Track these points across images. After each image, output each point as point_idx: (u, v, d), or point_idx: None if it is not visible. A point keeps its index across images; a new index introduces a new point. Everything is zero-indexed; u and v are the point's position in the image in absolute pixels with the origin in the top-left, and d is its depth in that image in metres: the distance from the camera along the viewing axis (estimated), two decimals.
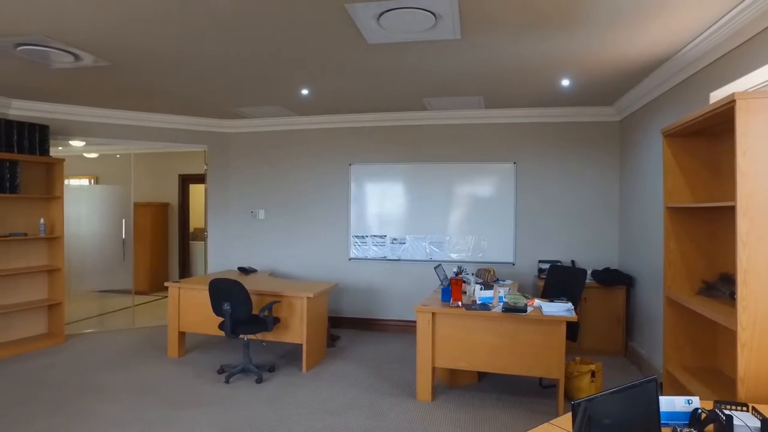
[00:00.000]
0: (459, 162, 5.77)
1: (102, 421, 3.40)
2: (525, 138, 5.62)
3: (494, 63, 3.87)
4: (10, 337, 5.15)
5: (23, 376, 4.28)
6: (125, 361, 4.74)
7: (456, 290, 3.84)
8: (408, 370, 4.51)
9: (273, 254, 6.35)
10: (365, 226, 6.02)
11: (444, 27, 3.14)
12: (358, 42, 3.42)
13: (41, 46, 3.48)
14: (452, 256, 5.77)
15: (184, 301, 4.80)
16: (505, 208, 5.65)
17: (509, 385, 4.13)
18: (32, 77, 4.34)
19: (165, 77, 4.32)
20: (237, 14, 2.95)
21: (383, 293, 5.99)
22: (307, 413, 3.57)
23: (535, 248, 5.60)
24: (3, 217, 5.09)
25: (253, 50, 3.61)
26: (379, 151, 5.99)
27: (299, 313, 4.41)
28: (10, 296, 5.15)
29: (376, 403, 3.76)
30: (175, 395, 3.88)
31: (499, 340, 3.63)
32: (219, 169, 6.42)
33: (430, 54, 3.68)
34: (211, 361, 4.73)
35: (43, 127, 5.19)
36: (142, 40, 3.38)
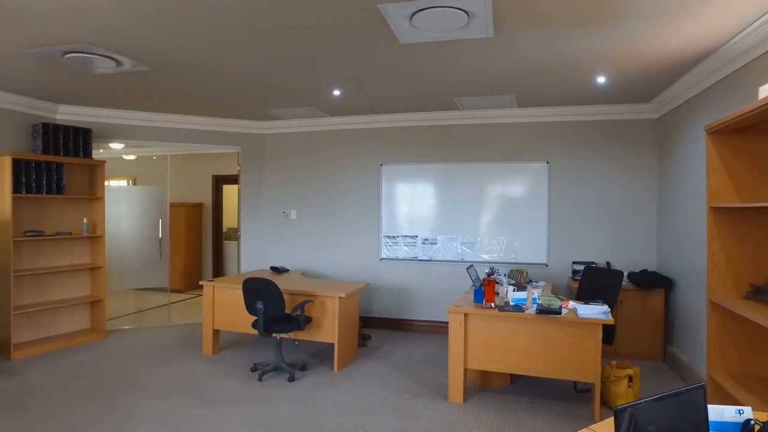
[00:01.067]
0: (490, 162, 5.70)
1: (140, 415, 3.50)
2: (558, 137, 5.52)
3: (527, 61, 3.81)
4: (57, 331, 5.37)
5: (69, 369, 4.45)
6: (162, 357, 4.87)
7: (489, 291, 3.80)
8: (439, 371, 4.49)
9: (304, 254, 6.42)
10: (396, 227, 6.02)
11: (477, 25, 3.11)
12: (390, 42, 3.42)
13: (86, 53, 3.61)
14: (484, 257, 5.71)
15: (219, 299, 4.89)
16: (537, 208, 5.55)
17: (542, 389, 4.06)
18: (76, 83, 4.51)
19: (200, 80, 4.42)
20: (271, 17, 2.99)
21: (414, 294, 5.98)
22: (339, 413, 3.59)
23: (569, 249, 5.48)
24: (50, 217, 5.31)
25: (287, 52, 3.65)
26: (411, 151, 5.98)
27: (331, 312, 4.44)
28: (57, 292, 5.37)
29: (408, 404, 3.75)
30: (210, 392, 3.96)
31: (533, 342, 3.57)
32: (252, 170, 6.53)
33: (463, 53, 3.65)
34: (243, 359, 4.81)
35: (87, 131, 5.38)
36: (179, 44, 3.47)
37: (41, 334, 5.25)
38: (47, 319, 5.31)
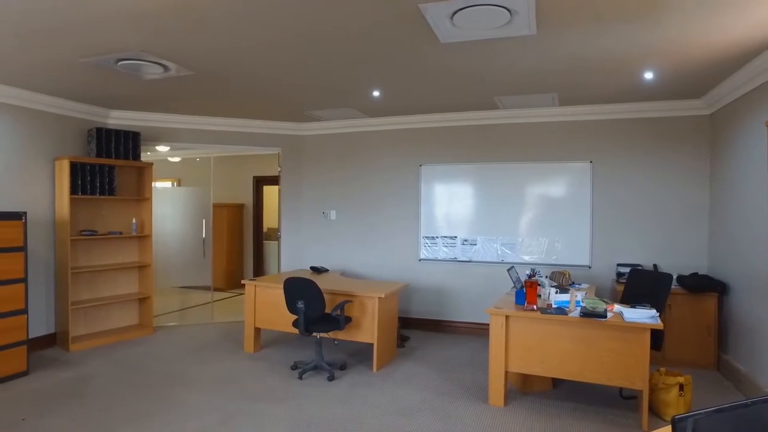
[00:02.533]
0: (531, 161, 5.59)
1: (187, 409, 3.62)
2: (602, 135, 5.35)
3: (571, 58, 3.72)
4: (109, 325, 5.63)
5: (121, 362, 4.65)
6: (206, 353, 5.01)
7: (531, 293, 3.73)
8: (479, 374, 4.44)
9: (344, 254, 6.47)
10: (435, 227, 5.99)
11: (519, 22, 3.06)
12: (430, 42, 3.41)
13: (137, 59, 3.76)
14: (524, 258, 5.61)
15: (260, 298, 4.99)
16: (580, 208, 5.41)
17: (586, 394, 3.95)
18: (127, 89, 4.70)
19: (243, 84, 4.53)
20: (313, 20, 3.03)
21: (453, 295, 5.93)
22: (379, 413, 3.60)
23: (613, 251, 5.31)
24: (103, 217, 5.56)
25: (327, 54, 3.69)
26: (450, 151, 5.94)
27: (371, 312, 4.46)
28: (109, 289, 5.62)
29: (448, 406, 3.73)
30: (252, 388, 4.04)
31: (576, 346, 3.48)
32: (292, 170, 6.63)
33: (504, 51, 3.60)
34: (284, 357, 4.89)
35: (136, 134, 5.61)
36: (224, 49, 3.56)
37: (95, 329, 5.51)
38: (100, 315, 5.56)
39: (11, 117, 4.79)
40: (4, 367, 4.16)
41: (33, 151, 4.99)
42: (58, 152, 5.23)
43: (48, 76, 4.30)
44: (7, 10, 2.88)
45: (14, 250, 4.21)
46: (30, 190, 4.97)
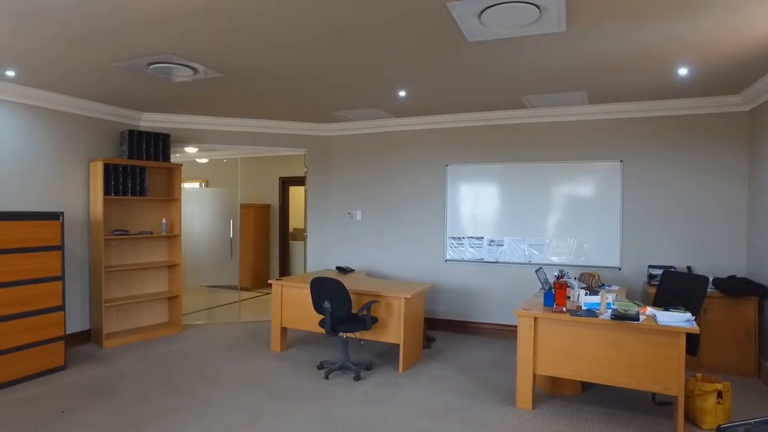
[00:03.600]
0: (559, 161, 5.50)
1: (216, 406, 3.67)
2: (633, 134, 5.22)
3: (601, 55, 3.64)
4: (140, 323, 5.77)
5: (152, 359, 4.75)
6: (233, 352, 5.08)
7: (560, 295, 3.66)
8: (506, 376, 4.38)
9: (369, 254, 6.48)
10: (462, 228, 5.94)
11: (548, 19, 3.01)
12: (457, 41, 3.38)
13: (168, 62, 3.83)
14: (552, 259, 5.52)
15: (287, 298, 5.04)
16: (610, 208, 5.29)
17: (617, 399, 3.85)
18: (157, 91, 4.81)
19: (270, 85, 4.57)
20: (339, 19, 3.04)
21: (480, 296, 5.88)
22: (405, 414, 3.59)
23: (645, 252, 5.18)
24: (134, 217, 5.70)
25: (354, 54, 3.70)
26: (477, 151, 5.88)
27: (397, 313, 4.45)
28: (140, 288, 5.75)
29: (475, 408, 3.69)
30: (279, 387, 4.08)
31: (607, 349, 3.40)
32: (318, 171, 6.68)
33: (532, 49, 3.55)
34: (310, 356, 4.92)
35: (166, 136, 5.73)
36: (252, 50, 3.60)
37: (127, 326, 5.65)
38: (132, 312, 5.70)
39: (50, 121, 4.95)
40: (44, 362, 4.30)
41: (69, 154, 5.15)
42: (93, 154, 5.38)
43: (84, 81, 4.43)
44: (52, 21, 2.97)
45: (52, 249, 4.35)
46: (66, 191, 5.13)
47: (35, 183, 4.84)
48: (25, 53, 3.66)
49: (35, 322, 4.24)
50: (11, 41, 3.40)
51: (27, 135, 4.77)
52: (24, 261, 4.16)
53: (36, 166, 4.85)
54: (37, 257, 4.25)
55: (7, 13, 2.90)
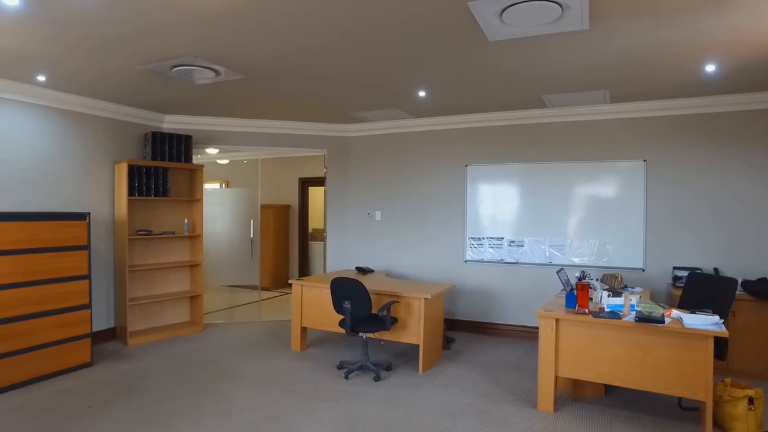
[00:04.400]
0: (581, 161, 5.43)
1: (238, 404, 3.71)
2: (657, 133, 5.13)
3: (625, 52, 3.58)
4: (163, 322, 5.86)
5: (174, 357, 4.83)
6: (254, 351, 5.13)
7: (582, 296, 3.61)
8: (527, 378, 4.34)
9: (389, 255, 6.49)
10: (481, 228, 5.91)
11: (571, 17, 2.97)
12: (478, 40, 3.36)
13: (190, 65, 3.90)
14: (574, 260, 5.45)
15: (307, 298, 5.07)
16: (633, 209, 5.20)
17: (641, 403, 3.79)
18: (180, 94, 4.89)
19: (290, 86, 4.61)
20: (360, 20, 3.05)
21: (500, 297, 5.83)
22: (426, 415, 3.58)
23: (669, 253, 5.08)
24: (157, 218, 5.80)
25: (374, 54, 3.71)
26: (497, 151, 5.84)
27: (416, 313, 4.45)
28: (162, 287, 5.85)
29: (495, 410, 3.66)
30: (299, 387, 4.11)
31: (631, 352, 3.34)
32: (337, 172, 6.70)
33: (554, 47, 3.51)
34: (330, 356, 4.95)
35: (188, 137, 5.82)
36: (272, 52, 3.64)
37: (150, 324, 5.75)
38: (155, 311, 5.80)
39: (77, 123, 5.07)
40: (72, 358, 4.41)
41: (95, 155, 5.27)
42: (117, 156, 5.50)
43: (110, 84, 4.53)
44: (81, 25, 3.05)
45: (79, 248, 4.45)
46: (92, 191, 5.25)
47: (63, 184, 4.97)
48: (55, 58, 3.76)
49: (64, 320, 4.35)
50: (42, 47, 3.50)
51: (55, 137, 4.90)
52: (53, 260, 4.27)
53: (64, 168, 4.98)
54: (66, 256, 4.35)
55: (39, 20, 2.98)
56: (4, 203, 4.51)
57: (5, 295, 3.96)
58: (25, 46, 3.50)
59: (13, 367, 4.02)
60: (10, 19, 3.01)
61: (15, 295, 4.02)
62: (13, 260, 4.00)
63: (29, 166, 4.69)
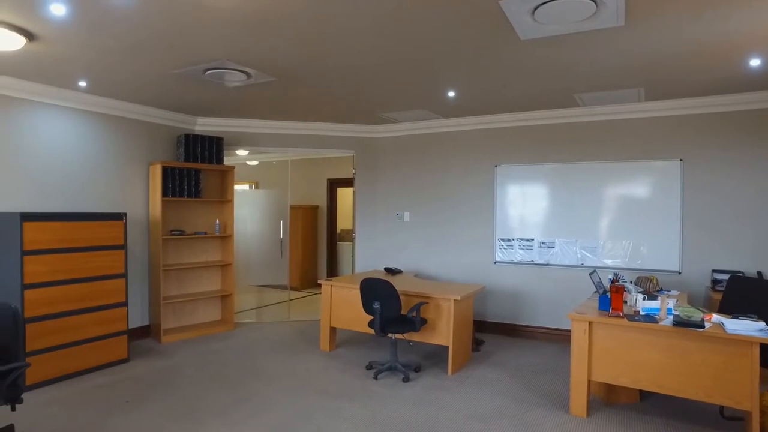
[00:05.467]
0: (613, 161, 5.30)
1: (267, 403, 3.76)
2: (695, 131, 4.97)
3: (662, 49, 3.48)
4: (194, 320, 5.99)
5: (206, 355, 4.92)
6: (284, 350, 5.19)
7: (616, 299, 3.52)
8: (558, 382, 4.26)
9: (417, 255, 6.47)
10: (511, 229, 5.83)
11: (606, 14, 2.91)
12: (509, 39, 3.32)
13: (222, 68, 3.97)
14: (606, 262, 5.32)
15: (336, 298, 5.09)
16: (668, 209, 5.05)
17: (679, 410, 3.67)
18: (212, 97, 4.99)
19: (321, 88, 4.65)
20: (392, 20, 3.05)
21: (530, 298, 5.75)
22: (455, 417, 3.55)
23: (707, 256, 4.91)
24: (189, 218, 5.93)
25: (405, 55, 3.70)
26: (527, 151, 5.76)
27: (446, 315, 4.42)
28: (194, 286, 5.98)
29: (526, 414, 3.61)
30: (328, 386, 4.13)
31: (668, 357, 3.24)
32: (366, 173, 6.73)
33: (587, 45, 3.44)
34: (359, 356, 4.96)
35: (219, 139, 5.93)
36: (303, 54, 3.67)
37: (183, 323, 5.88)
38: (187, 310, 5.93)
39: (114, 127, 5.23)
40: (110, 354, 4.55)
41: (131, 157, 5.42)
42: (152, 158, 5.65)
43: (146, 88, 4.65)
44: (119, 31, 3.14)
45: (116, 248, 4.59)
46: (128, 192, 5.40)
47: (100, 185, 5.13)
48: (95, 64, 3.89)
49: (102, 317, 4.49)
50: (84, 54, 3.62)
51: (94, 140, 5.06)
52: (92, 259, 4.41)
53: (101, 170, 5.14)
54: (104, 255, 4.49)
55: (81, 27, 3.09)
56: (48, 204, 4.68)
57: (49, 292, 4.12)
58: (69, 53, 3.63)
59: (56, 362, 4.17)
60: (56, 28, 3.13)
61: (57, 292, 4.18)
62: (55, 258, 4.15)
63: (70, 169, 4.86)
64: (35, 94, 4.54)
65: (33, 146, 4.58)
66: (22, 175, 4.50)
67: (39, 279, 4.05)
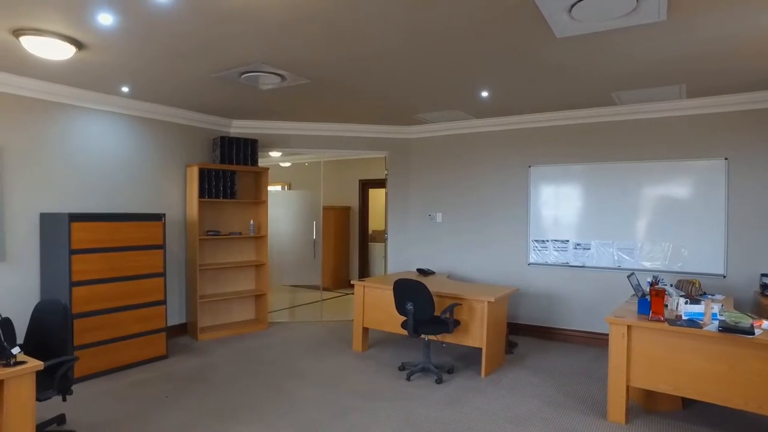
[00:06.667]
0: (652, 160, 5.15)
1: (303, 401, 3.81)
2: (740, 129, 4.77)
3: (705, 43, 3.36)
4: (229, 319, 6.12)
5: (241, 353, 5.02)
6: (317, 350, 5.24)
7: (657, 302, 3.42)
8: (594, 386, 4.16)
9: (450, 257, 6.44)
10: (545, 230, 5.73)
11: (647, 9, 2.83)
12: (545, 37, 3.27)
13: (258, 71, 4.05)
14: (645, 265, 5.17)
15: (369, 299, 5.11)
16: (712, 210, 4.87)
17: (726, 420, 3.53)
18: (247, 99, 5.09)
19: (354, 89, 4.68)
20: (425, 20, 3.05)
21: (565, 301, 5.64)
22: (489, 420, 3.52)
23: (755, 259, 4.71)
24: (225, 219, 6.07)
25: (438, 55, 3.69)
26: (561, 151, 5.66)
27: (479, 316, 4.38)
28: (229, 285, 6.11)
29: (562, 418, 3.54)
30: (361, 387, 4.15)
31: (715, 365, 3.12)
32: (399, 174, 6.73)
33: (626, 42, 3.35)
34: (391, 357, 4.97)
35: (254, 141, 6.04)
36: (337, 56, 3.71)
37: (218, 321, 6.02)
38: (222, 309, 6.06)
39: (154, 130, 5.40)
40: (149, 350, 4.70)
41: (169, 160, 5.59)
42: (189, 160, 5.80)
43: (184, 93, 4.79)
44: (161, 37, 3.25)
45: (156, 247, 4.73)
46: (166, 194, 5.57)
47: (140, 187, 5.31)
48: (137, 70, 4.02)
49: (142, 314, 4.64)
50: (127, 60, 3.76)
51: (135, 144, 5.24)
52: (134, 258, 4.56)
53: (141, 172, 5.31)
54: (144, 255, 4.64)
55: (126, 35, 3.20)
56: (92, 204, 4.87)
57: (94, 290, 4.28)
58: (113, 61, 3.77)
59: (101, 356, 4.33)
60: (102, 37, 3.26)
61: (102, 289, 4.34)
62: (99, 257, 4.31)
63: (112, 171, 5.04)
64: (81, 99, 4.73)
65: (79, 150, 4.77)
66: (69, 178, 4.70)
67: (85, 277, 4.22)
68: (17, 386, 2.49)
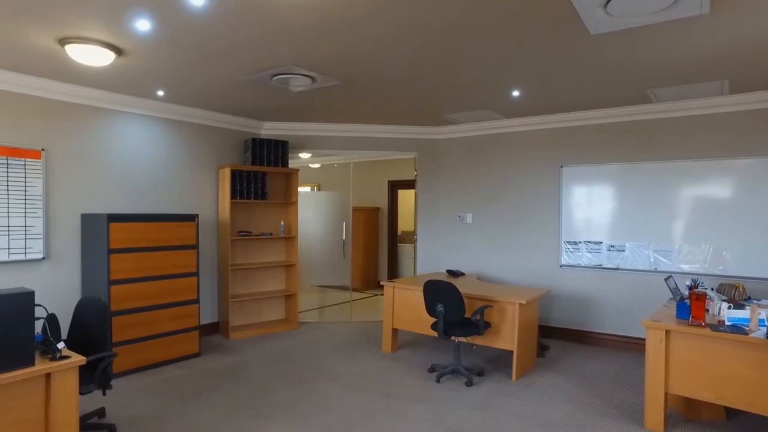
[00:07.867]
0: (690, 159, 4.97)
1: (332, 401, 3.82)
2: None
3: (751, 36, 3.22)
4: (260, 318, 6.21)
5: (271, 353, 5.08)
6: (346, 350, 5.26)
7: (697, 307, 3.29)
8: (630, 392, 4.04)
9: (480, 258, 6.37)
10: (578, 232, 5.61)
11: (688, 1, 2.73)
12: (578, 34, 3.20)
13: (289, 73, 4.09)
14: (683, 267, 5.00)
15: (398, 300, 5.10)
16: (757, 211, 4.66)
17: None
18: (278, 101, 5.15)
19: (384, 90, 4.68)
20: (455, 16, 3.02)
21: (598, 304, 5.50)
22: (519, 424, 3.46)
23: None
24: (256, 219, 6.16)
25: (469, 53, 3.66)
26: (595, 151, 5.53)
27: (510, 319, 4.31)
28: (260, 285, 6.19)
29: (596, 424, 3.45)
30: (391, 388, 4.14)
31: (761, 373, 2.98)
32: (428, 174, 6.71)
33: (664, 37, 3.24)
34: (421, 359, 4.94)
35: (284, 143, 6.12)
36: (368, 57, 3.72)
37: (249, 320, 6.11)
38: (253, 308, 6.15)
39: (187, 132, 5.53)
40: (183, 348, 4.81)
41: (202, 161, 5.71)
42: (221, 161, 5.91)
43: (216, 95, 4.89)
44: (188, 39, 3.32)
45: (189, 247, 4.84)
46: (199, 195, 5.69)
47: (174, 188, 5.44)
48: (171, 74, 4.13)
49: (176, 313, 4.75)
50: (162, 65, 3.86)
51: (169, 146, 5.37)
52: (168, 257, 4.67)
53: (175, 173, 5.44)
54: (178, 254, 4.75)
55: (162, 40, 3.29)
56: (129, 205, 5.02)
57: (130, 288, 4.41)
58: (150, 65, 3.88)
59: (137, 353, 4.46)
60: (140, 42, 3.36)
61: (138, 288, 4.46)
62: (135, 257, 4.44)
63: (148, 173, 5.19)
64: (119, 104, 4.88)
65: (117, 153, 4.93)
66: (108, 179, 4.85)
67: (123, 275, 4.35)
68: (63, 379, 2.59)
